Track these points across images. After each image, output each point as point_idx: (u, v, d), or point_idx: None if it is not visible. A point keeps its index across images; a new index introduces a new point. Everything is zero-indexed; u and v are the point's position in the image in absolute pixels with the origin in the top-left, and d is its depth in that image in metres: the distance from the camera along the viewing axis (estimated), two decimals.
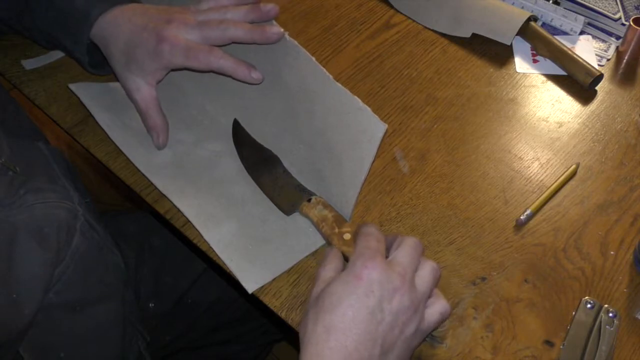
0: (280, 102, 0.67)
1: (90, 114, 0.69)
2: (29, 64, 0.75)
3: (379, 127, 0.57)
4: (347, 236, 0.60)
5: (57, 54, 0.76)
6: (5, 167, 0.56)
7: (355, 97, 0.59)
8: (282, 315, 0.58)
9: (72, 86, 0.71)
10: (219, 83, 0.72)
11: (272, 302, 0.58)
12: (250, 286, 0.59)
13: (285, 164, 0.66)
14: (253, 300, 0.59)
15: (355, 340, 0.48)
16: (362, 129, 0.58)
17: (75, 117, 0.71)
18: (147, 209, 0.71)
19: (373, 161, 0.60)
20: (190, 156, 0.67)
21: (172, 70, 0.65)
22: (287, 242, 0.62)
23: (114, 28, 0.63)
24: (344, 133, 0.60)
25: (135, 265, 0.85)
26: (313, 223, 0.62)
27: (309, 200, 0.63)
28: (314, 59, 0.62)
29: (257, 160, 0.67)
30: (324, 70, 0.61)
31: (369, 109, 0.58)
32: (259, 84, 0.64)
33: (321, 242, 0.62)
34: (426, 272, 0.53)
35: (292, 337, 0.53)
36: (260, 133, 0.69)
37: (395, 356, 0.50)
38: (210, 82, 0.72)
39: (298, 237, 0.62)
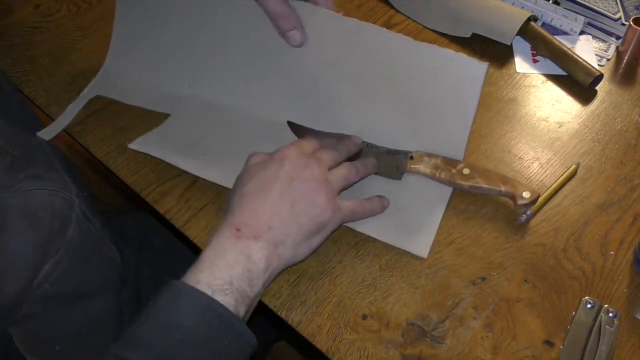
0: (346, 83, 0.66)
1: (168, 163, 0.66)
2: (45, 134, 0.68)
3: (480, 68, 0.58)
4: (466, 171, 0.62)
5: (70, 116, 0.71)
6: (5, 149, 0.57)
7: (445, 48, 0.60)
8: (282, 315, 0.58)
9: (134, 146, 0.67)
10: (286, 86, 0.70)
11: (272, 302, 0.58)
12: (423, 252, 0.61)
13: (372, 136, 0.66)
14: None
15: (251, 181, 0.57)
16: (461, 76, 0.59)
17: (75, 117, 0.71)
18: (147, 209, 0.70)
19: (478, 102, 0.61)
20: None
21: None
22: (416, 206, 0.63)
23: None
24: (441, 85, 0.61)
25: (135, 265, 0.85)
26: (427, 175, 0.63)
27: (412, 158, 0.63)
28: (384, 28, 0.62)
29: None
30: (401, 35, 0.61)
31: (464, 54, 0.59)
32: (297, 46, 0.65)
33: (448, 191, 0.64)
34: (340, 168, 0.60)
35: (291, 337, 0.53)
36: (335, 119, 0.67)
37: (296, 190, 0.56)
38: (277, 86, 0.70)
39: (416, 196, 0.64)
